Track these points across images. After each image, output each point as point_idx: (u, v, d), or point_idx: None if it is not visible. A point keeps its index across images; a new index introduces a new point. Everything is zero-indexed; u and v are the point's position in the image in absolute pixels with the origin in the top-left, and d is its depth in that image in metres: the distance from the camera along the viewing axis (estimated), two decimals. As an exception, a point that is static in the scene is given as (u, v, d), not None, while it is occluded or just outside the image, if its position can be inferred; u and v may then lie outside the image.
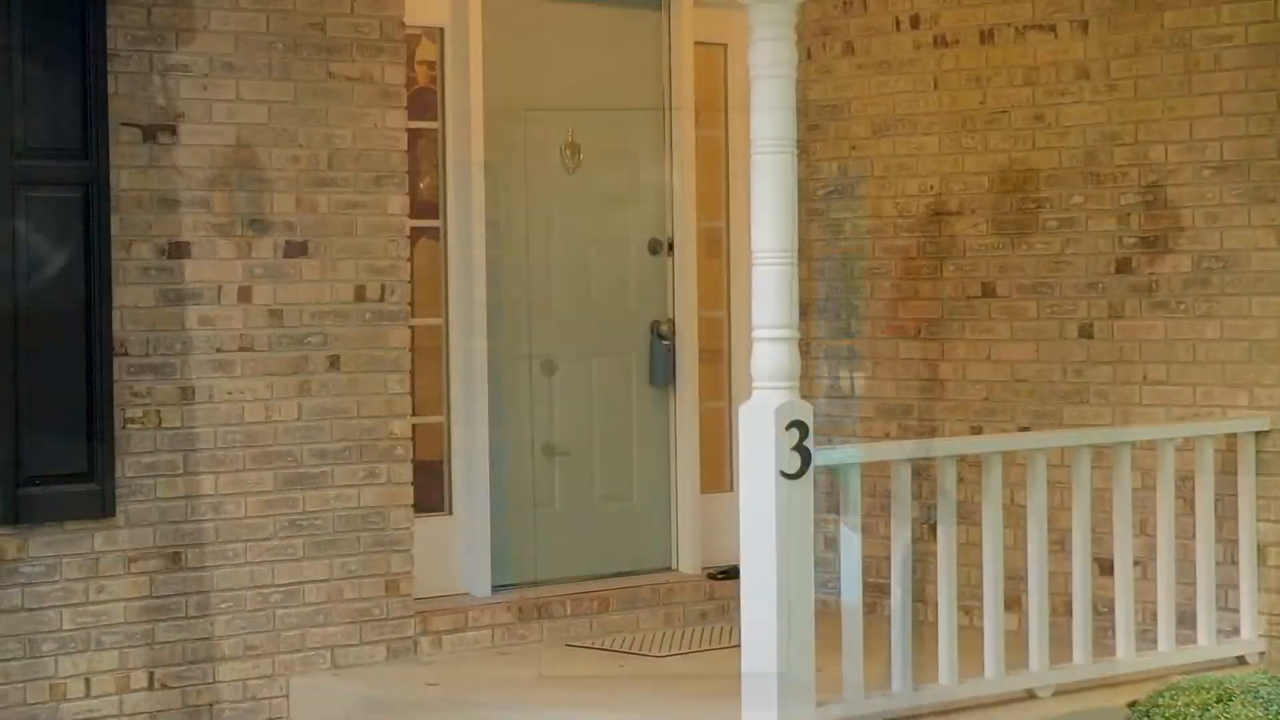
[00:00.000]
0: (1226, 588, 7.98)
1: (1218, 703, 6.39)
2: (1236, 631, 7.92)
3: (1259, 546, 7.95)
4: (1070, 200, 8.54)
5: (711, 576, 9.29)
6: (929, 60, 9.05)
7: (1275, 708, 6.26)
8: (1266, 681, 6.54)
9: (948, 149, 8.96)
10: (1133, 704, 6.68)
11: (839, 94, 9.32)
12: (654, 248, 9.55)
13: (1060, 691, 7.37)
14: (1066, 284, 8.57)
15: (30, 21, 7.42)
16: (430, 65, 9.16)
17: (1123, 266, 8.38)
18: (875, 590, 7.94)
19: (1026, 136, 8.69)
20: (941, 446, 7.36)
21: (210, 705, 7.83)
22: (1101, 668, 7.47)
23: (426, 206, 8.98)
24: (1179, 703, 6.42)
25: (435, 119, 8.94)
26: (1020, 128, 8.70)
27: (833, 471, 7.02)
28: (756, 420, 6.55)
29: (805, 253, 9.43)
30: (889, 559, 7.11)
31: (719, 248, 9.68)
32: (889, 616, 7.09)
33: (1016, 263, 8.72)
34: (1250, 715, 6.23)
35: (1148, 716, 6.46)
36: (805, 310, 9.44)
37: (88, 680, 7.57)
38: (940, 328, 9.02)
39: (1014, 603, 7.95)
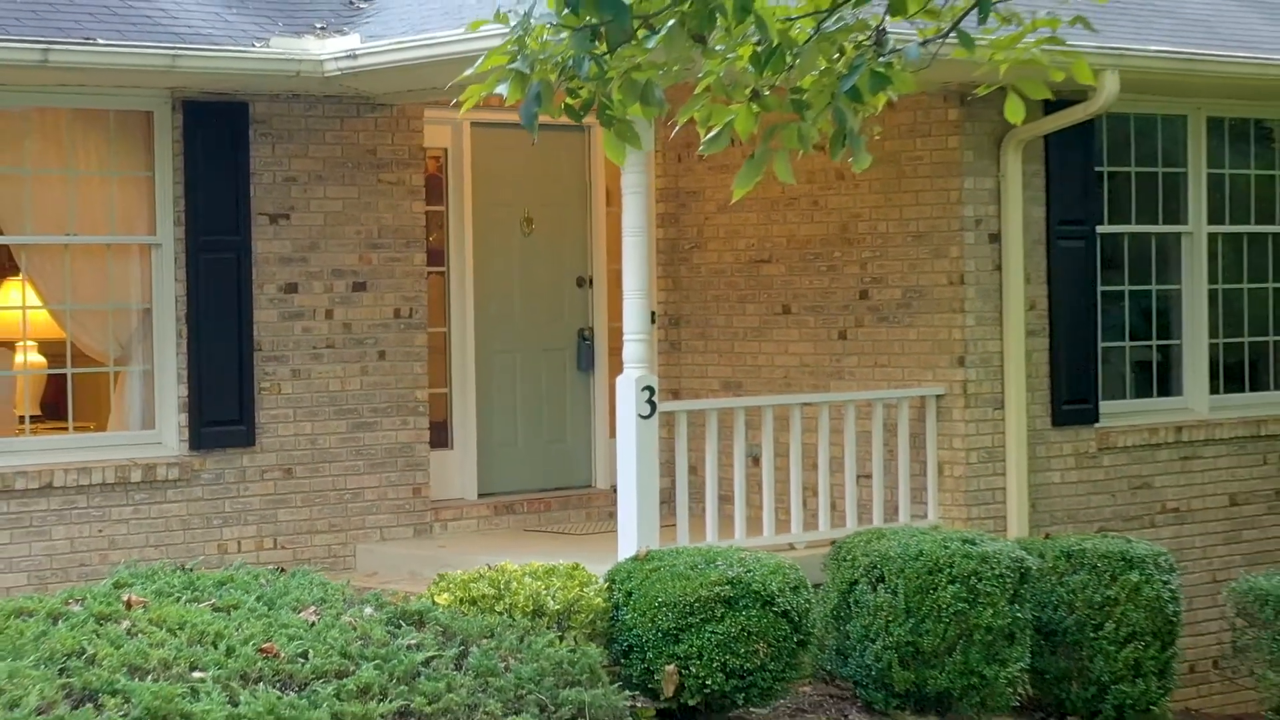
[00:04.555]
0: (919, 490, 12.18)
1: (878, 539, 10.79)
2: (925, 516, 12.17)
3: (939, 464, 12.15)
4: (833, 254, 12.73)
5: (615, 490, 13.02)
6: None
7: (903, 540, 10.59)
8: (908, 527, 10.94)
9: (762, 221, 13.05)
10: (832, 542, 11.09)
11: (697, 185, 13.50)
12: (580, 282, 13.43)
13: (810, 546, 11.64)
14: (831, 306, 12.72)
15: (205, 155, 11.44)
16: (437, 159, 13.12)
17: (863, 295, 12.52)
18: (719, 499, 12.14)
19: (808, 215, 12.82)
20: (736, 403, 11.66)
21: (309, 560, 11.76)
22: (835, 532, 11.66)
23: (436, 256, 12.77)
24: (855, 539, 10.81)
25: (441, 204, 12.84)
26: (804, 209, 12.83)
27: (674, 417, 11.35)
28: (625, 386, 10.66)
29: (677, 284, 13.73)
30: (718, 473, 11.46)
31: (621, 282, 13.74)
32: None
33: (802, 292, 12.89)
34: (887, 547, 10.58)
35: (840, 548, 10.85)
36: (676, 321, 13.75)
37: (239, 542, 11.62)
38: (758, 333, 13.12)
39: (809, 505, 12.13)
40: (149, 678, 7.84)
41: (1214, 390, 13.53)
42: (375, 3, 12.21)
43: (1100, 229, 12.82)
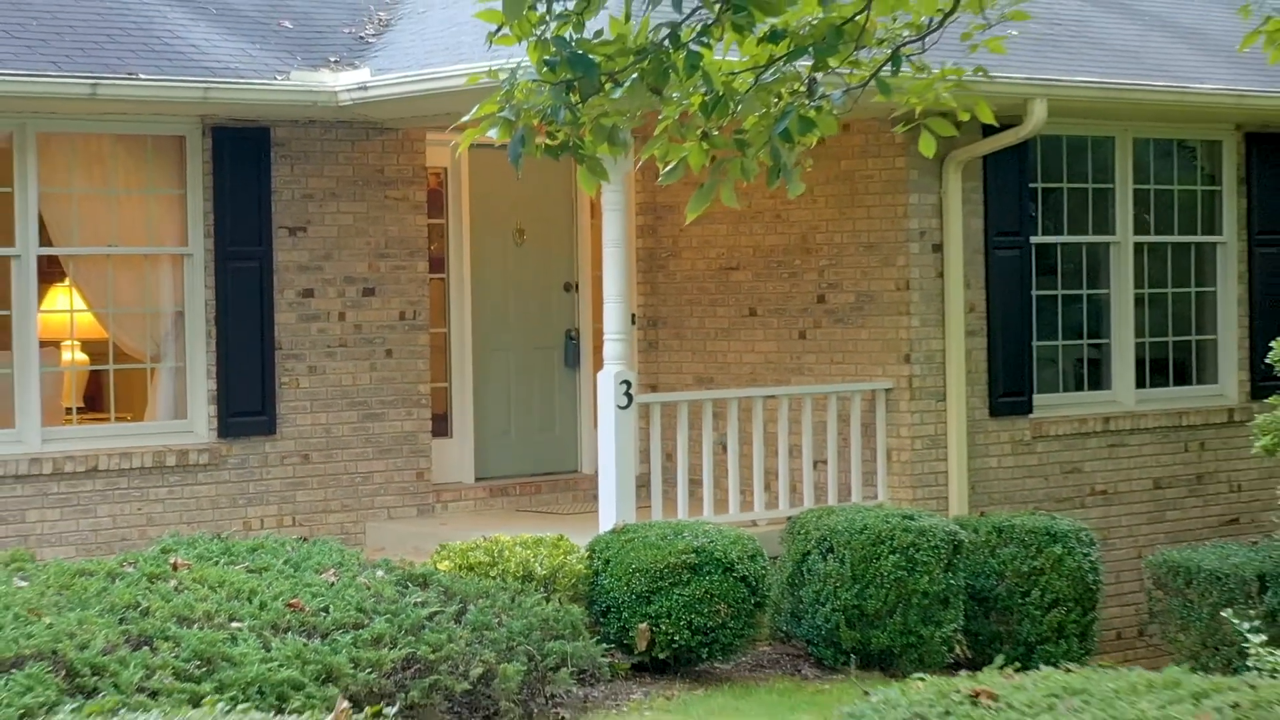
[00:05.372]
0: (870, 473, 13.46)
1: (828, 515, 12.07)
2: (875, 497, 13.45)
3: (887, 451, 13.45)
4: (794, 262, 14.06)
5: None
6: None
7: (850, 516, 11.86)
8: (855, 505, 12.23)
9: (731, 232, 14.32)
10: (789, 518, 12.37)
11: (673, 200, 14.75)
12: (567, 287, 14.68)
13: (770, 523, 12.92)
14: (792, 308, 14.04)
15: (231, 174, 12.67)
16: (438, 176, 14.43)
17: (820, 299, 13.84)
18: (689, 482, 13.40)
19: (772, 227, 14.12)
20: (704, 395, 12.95)
21: (324, 535, 13.29)
22: (794, 511, 12.82)
23: (437, 264, 13.98)
24: (808, 515, 12.13)
25: (442, 217, 14.14)
26: (768, 222, 14.14)
27: (648, 408, 12.62)
28: (605, 380, 11.94)
29: (655, 289, 15.00)
30: (689, 459, 12.73)
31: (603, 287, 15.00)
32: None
33: (767, 296, 14.21)
34: (836, 522, 11.84)
35: (794, 523, 12.14)
36: (654, 323, 15.03)
37: (261, 520, 12.83)
38: (727, 333, 14.41)
39: (770, 487, 13.38)
40: (195, 626, 9.13)
41: (1140, 384, 14.79)
42: (383, 37, 13.48)
43: (1034, 239, 14.08)
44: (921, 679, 6.47)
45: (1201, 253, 15.32)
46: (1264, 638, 9.39)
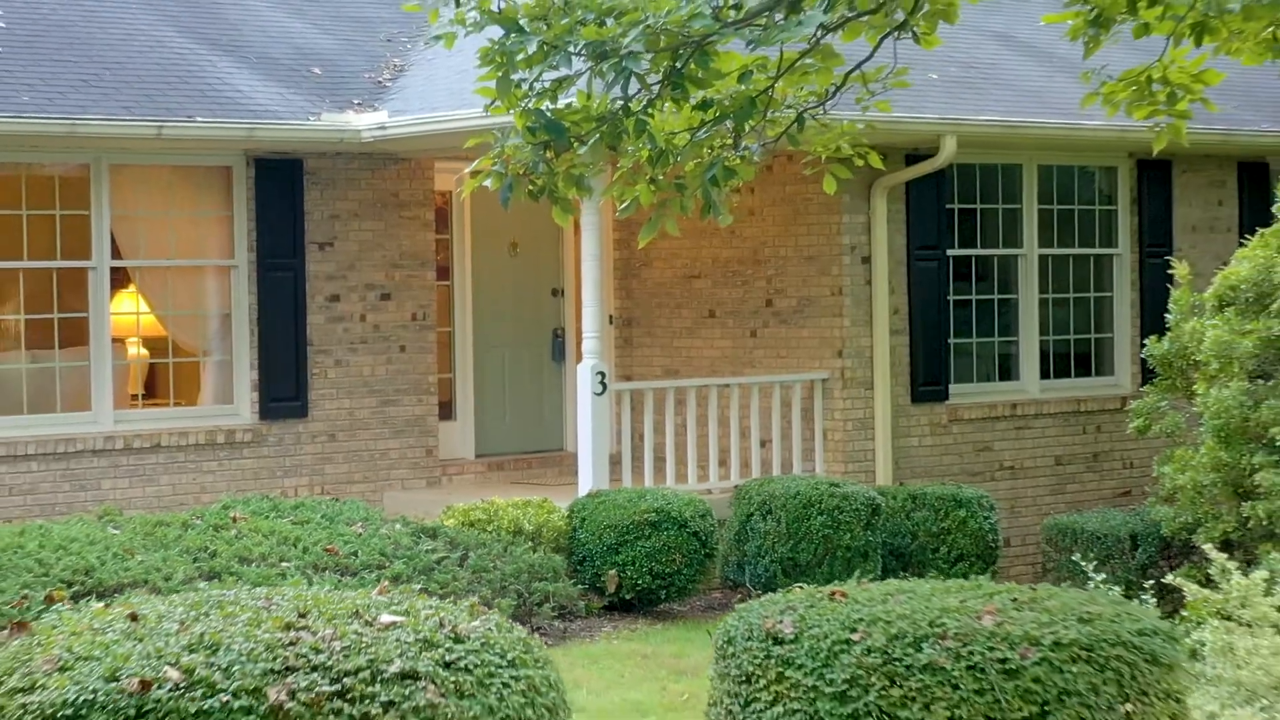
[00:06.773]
0: (809, 451, 15.61)
1: (768, 483, 14.20)
2: (814, 471, 15.58)
3: (823, 432, 15.60)
4: (746, 271, 16.22)
5: (583, 453, 16.71)
6: (685, 203, 16.76)
7: (785, 484, 14.01)
8: (791, 475, 14.35)
9: (694, 246, 16.46)
10: (737, 487, 14.52)
11: (645, 217, 16.92)
12: (554, 292, 16.77)
13: (723, 491, 15.01)
14: (745, 311, 16.22)
15: (270, 199, 14.80)
16: (444, 197, 16.57)
17: (769, 303, 16.00)
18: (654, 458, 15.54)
19: (728, 241, 16.27)
20: (668, 384, 15.13)
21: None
22: (743, 481, 14.88)
23: (443, 273, 16.04)
24: (751, 483, 14.26)
25: (447, 232, 16.36)
26: (725, 237, 16.26)
27: (620, 395, 14.77)
28: (584, 371, 14.04)
29: (629, 294, 17.16)
30: (655, 438, 14.87)
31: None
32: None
33: (724, 301, 16.38)
34: (774, 488, 13.98)
35: (740, 490, 14.26)
36: (629, 323, 17.19)
37: (296, 490, 14.92)
38: (690, 332, 16.57)
39: (724, 462, 15.52)
40: (253, 565, 11.30)
41: (1045, 376, 16.89)
42: (398, 81, 15.63)
43: (951, 252, 16.21)
44: (800, 587, 8.64)
45: (1100, 263, 17.43)
46: (1103, 576, 11.59)
